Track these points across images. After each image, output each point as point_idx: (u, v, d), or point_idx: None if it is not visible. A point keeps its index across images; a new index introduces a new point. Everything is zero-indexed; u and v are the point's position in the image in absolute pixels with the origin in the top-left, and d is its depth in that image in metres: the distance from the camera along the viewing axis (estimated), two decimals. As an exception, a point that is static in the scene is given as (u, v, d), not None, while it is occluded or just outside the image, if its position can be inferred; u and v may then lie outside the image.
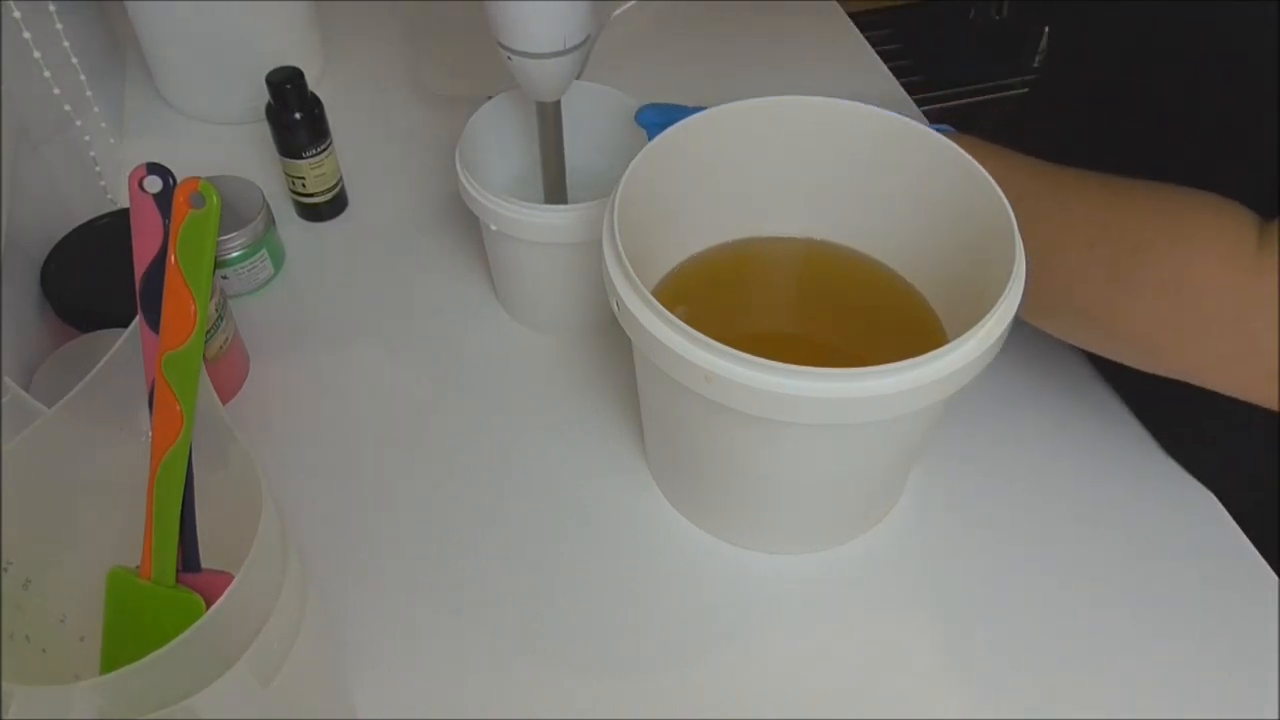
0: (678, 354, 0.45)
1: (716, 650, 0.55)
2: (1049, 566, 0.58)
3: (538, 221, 0.60)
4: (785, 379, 0.43)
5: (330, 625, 0.55)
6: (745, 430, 0.49)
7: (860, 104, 0.55)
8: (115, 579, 0.43)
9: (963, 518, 0.60)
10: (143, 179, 0.38)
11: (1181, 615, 0.56)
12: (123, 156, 0.81)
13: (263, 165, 0.80)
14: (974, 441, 0.63)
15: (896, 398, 0.44)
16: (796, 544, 0.58)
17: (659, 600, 0.57)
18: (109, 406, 0.44)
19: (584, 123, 0.68)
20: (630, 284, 0.47)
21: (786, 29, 0.94)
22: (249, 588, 0.37)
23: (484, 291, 0.72)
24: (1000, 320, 0.46)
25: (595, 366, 0.67)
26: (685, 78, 0.89)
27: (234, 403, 0.65)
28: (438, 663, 0.54)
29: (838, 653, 0.55)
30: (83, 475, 0.45)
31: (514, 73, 0.57)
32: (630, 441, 0.63)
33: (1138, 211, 0.48)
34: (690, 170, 0.57)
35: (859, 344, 0.59)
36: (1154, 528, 0.59)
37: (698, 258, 0.62)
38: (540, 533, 0.59)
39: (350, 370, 0.67)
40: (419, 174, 0.80)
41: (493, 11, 0.54)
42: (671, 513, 0.60)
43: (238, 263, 0.69)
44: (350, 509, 0.60)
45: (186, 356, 0.38)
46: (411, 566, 0.58)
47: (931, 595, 0.57)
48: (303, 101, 0.71)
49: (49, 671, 0.44)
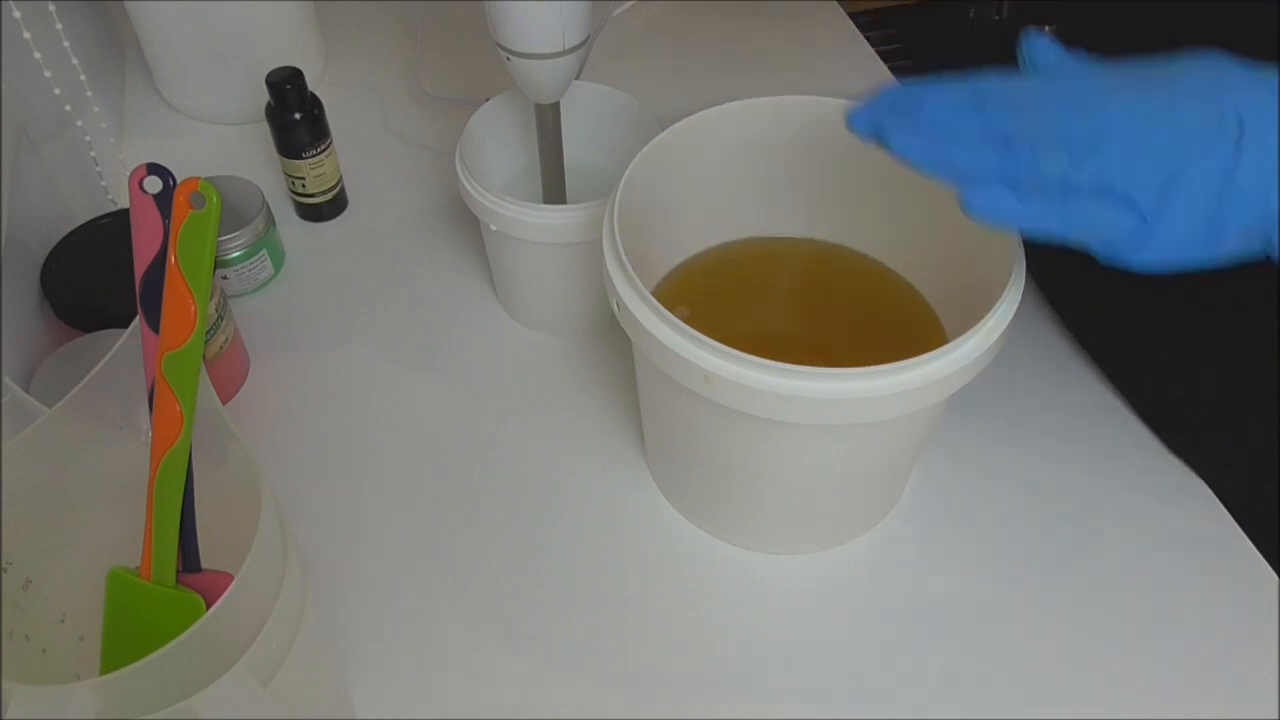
0: (678, 354, 0.45)
1: (716, 650, 0.55)
2: (1049, 566, 0.58)
3: (538, 221, 0.60)
4: (785, 379, 0.43)
5: (330, 625, 0.55)
6: (745, 430, 0.49)
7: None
8: (115, 579, 0.43)
9: (962, 517, 0.60)
10: (143, 179, 0.38)
11: (1181, 615, 0.56)
12: (123, 156, 0.81)
13: (263, 165, 0.80)
14: (974, 441, 0.63)
15: (896, 398, 0.44)
16: (796, 544, 0.58)
17: (659, 600, 0.57)
18: (109, 407, 0.44)
19: (584, 123, 0.68)
20: (630, 284, 0.47)
21: (786, 29, 0.94)
22: (249, 588, 0.37)
23: (484, 291, 0.72)
24: (1000, 320, 0.46)
25: (595, 366, 0.67)
26: (685, 78, 0.89)
27: (234, 403, 0.65)
28: (437, 663, 0.54)
29: (837, 653, 0.54)
30: (83, 475, 0.45)
31: (513, 74, 0.57)
32: (630, 441, 0.63)
33: None
34: (690, 170, 0.57)
35: (859, 344, 0.59)
36: (1154, 526, 0.59)
37: (698, 258, 0.62)
38: (540, 533, 0.59)
39: (350, 370, 0.67)
40: (419, 174, 0.80)
41: (492, 12, 0.54)
42: (671, 513, 0.60)
43: (238, 263, 0.69)
44: (350, 509, 0.60)
45: (186, 356, 0.38)
46: (411, 566, 0.58)
47: (931, 595, 0.57)
48: (303, 102, 0.71)
49: (49, 671, 0.44)
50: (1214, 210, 0.35)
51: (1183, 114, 0.34)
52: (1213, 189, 0.34)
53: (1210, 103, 0.34)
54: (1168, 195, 0.34)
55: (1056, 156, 0.35)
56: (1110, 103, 0.34)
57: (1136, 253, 0.36)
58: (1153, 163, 0.34)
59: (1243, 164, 0.34)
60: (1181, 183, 0.34)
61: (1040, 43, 0.38)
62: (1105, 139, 0.34)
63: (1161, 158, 0.34)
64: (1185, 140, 0.34)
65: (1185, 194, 0.34)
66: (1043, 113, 0.35)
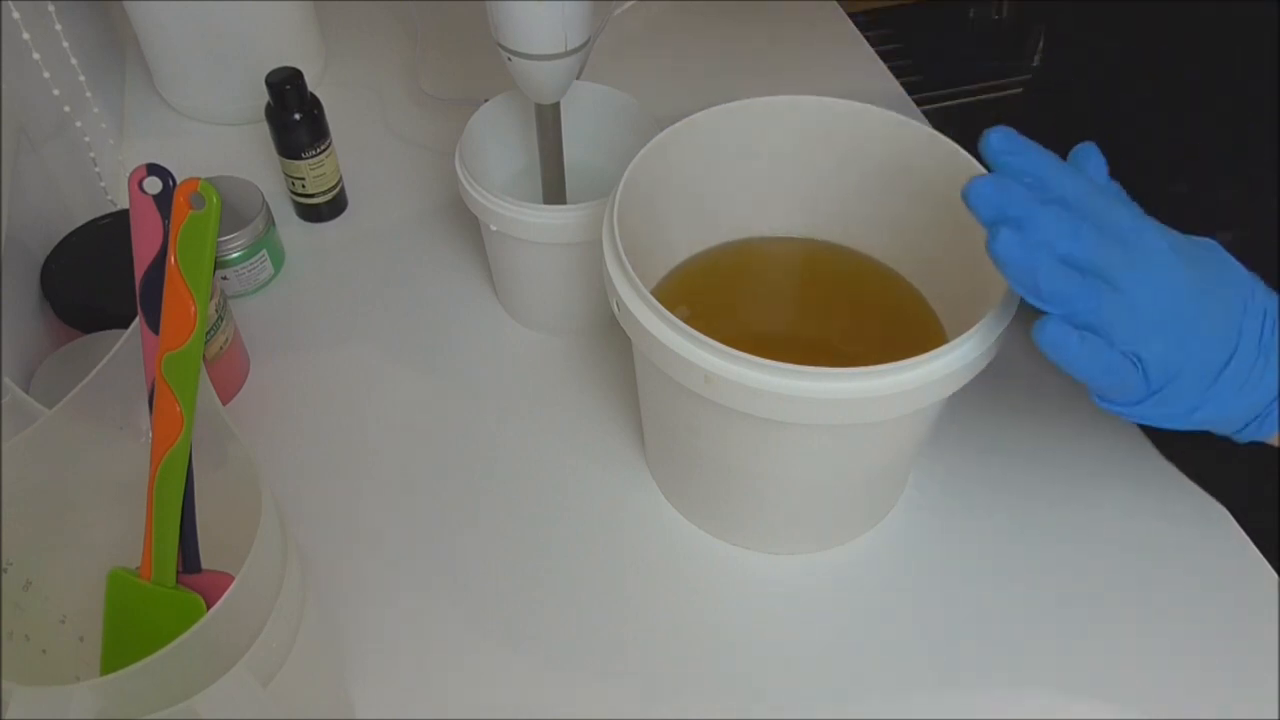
0: (677, 354, 0.45)
1: (716, 650, 0.55)
2: (1049, 566, 0.58)
3: (538, 221, 0.60)
4: (785, 379, 0.43)
5: (330, 625, 0.55)
6: (744, 430, 0.49)
7: (860, 104, 0.56)
8: (115, 580, 0.43)
9: (962, 518, 0.60)
10: (142, 180, 0.38)
11: (1181, 615, 0.56)
12: (122, 157, 0.81)
13: (262, 166, 0.80)
14: (974, 441, 0.63)
15: (896, 398, 0.44)
16: (796, 544, 0.58)
17: (658, 600, 0.57)
18: (109, 407, 0.44)
19: (584, 123, 0.68)
20: (630, 284, 0.47)
21: (786, 29, 0.94)
22: (249, 588, 0.37)
23: (484, 291, 0.72)
24: (1000, 320, 0.46)
25: (595, 366, 0.67)
26: (685, 78, 0.89)
27: (234, 403, 0.65)
28: (437, 663, 0.54)
29: (837, 653, 0.54)
30: (83, 476, 0.45)
31: (514, 75, 0.57)
32: (630, 441, 0.63)
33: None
34: (690, 170, 0.57)
35: (859, 344, 0.59)
36: (1153, 526, 0.59)
37: (698, 258, 0.62)
38: (540, 533, 0.59)
39: (350, 370, 0.67)
40: (419, 174, 0.80)
41: (494, 13, 0.54)
42: (671, 512, 0.60)
43: (238, 263, 0.69)
44: (350, 509, 0.60)
45: (186, 357, 0.38)
46: (411, 566, 0.58)
47: (931, 595, 0.57)
48: (302, 102, 0.71)
49: (49, 672, 0.44)
50: (1194, 404, 0.42)
51: (1212, 325, 0.40)
52: (1203, 387, 0.41)
53: (1232, 324, 0.41)
54: (1172, 382, 0.41)
55: (1121, 324, 0.39)
56: (1178, 301, 0.39)
57: (1128, 408, 0.42)
58: (1178, 360, 0.40)
59: (1222, 377, 0.41)
60: (1185, 377, 0.41)
61: (1094, 158, 0.43)
62: (1161, 330, 0.40)
63: (1184, 357, 0.40)
64: (1203, 351, 0.40)
65: (1184, 385, 0.41)
66: (1121, 292, 0.39)
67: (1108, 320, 0.39)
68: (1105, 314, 0.39)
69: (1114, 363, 0.39)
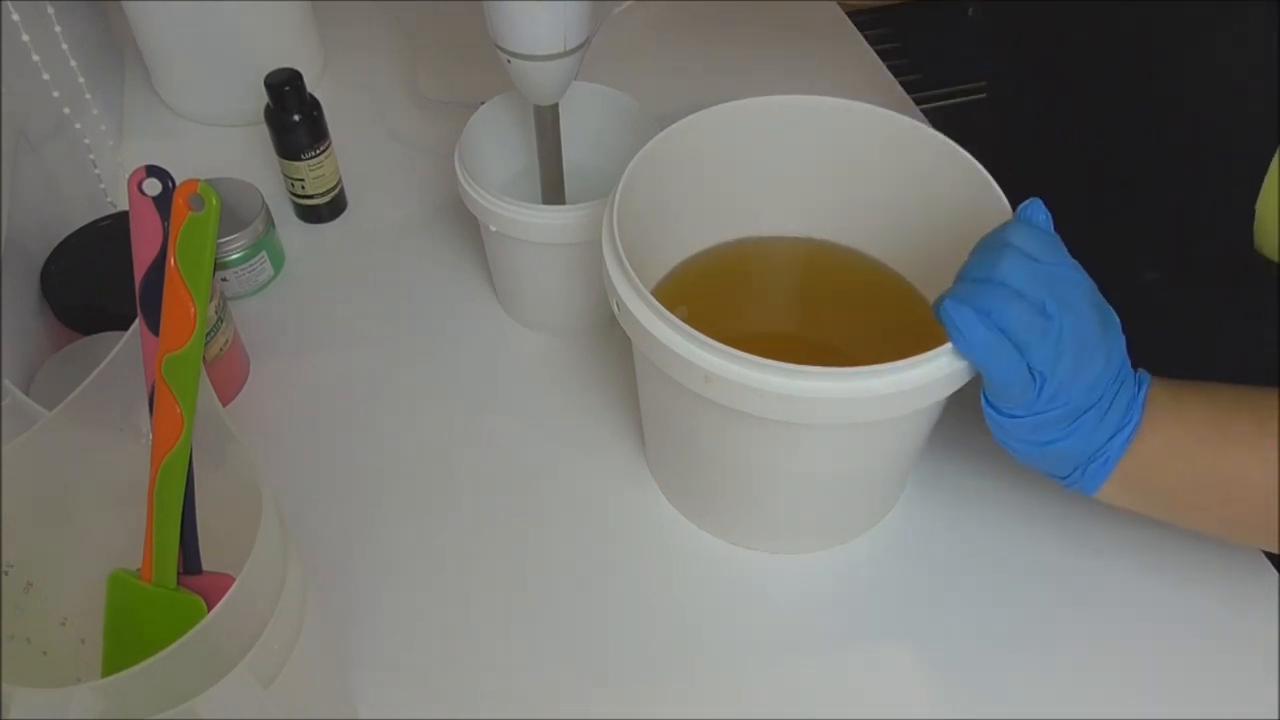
0: (677, 354, 0.45)
1: (716, 649, 0.55)
2: (1048, 565, 0.58)
3: (537, 222, 0.60)
4: (785, 379, 0.43)
5: (330, 626, 0.55)
6: (744, 430, 0.49)
7: (860, 104, 0.56)
8: (116, 582, 0.43)
9: (962, 517, 0.60)
10: (142, 181, 0.38)
11: (1181, 614, 0.56)
12: (122, 159, 0.81)
13: (262, 167, 0.80)
14: (973, 442, 0.63)
15: (896, 398, 0.44)
16: (796, 544, 0.58)
17: (659, 600, 0.57)
18: (109, 409, 0.44)
19: (584, 123, 0.68)
20: (630, 284, 0.47)
21: (786, 29, 0.94)
22: (250, 589, 0.37)
23: (484, 292, 0.72)
24: (1000, 320, 0.46)
25: (595, 366, 0.67)
26: (685, 78, 0.89)
27: (234, 404, 0.65)
28: (438, 663, 0.54)
29: (837, 652, 0.55)
30: (83, 478, 0.45)
31: (513, 76, 0.57)
32: (630, 441, 0.63)
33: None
34: (690, 170, 0.57)
35: (859, 344, 0.59)
36: (1153, 525, 0.59)
37: (697, 258, 0.62)
38: (540, 533, 0.59)
39: (350, 370, 0.67)
40: (418, 175, 0.80)
41: (492, 14, 0.54)
42: (671, 512, 0.60)
43: (237, 264, 0.69)
44: (350, 509, 0.60)
45: (186, 358, 0.38)
46: (412, 567, 0.58)
47: (931, 595, 0.57)
48: (302, 103, 0.71)
49: (50, 674, 0.44)
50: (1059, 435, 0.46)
51: (1100, 372, 0.45)
52: (1071, 419, 0.46)
53: (1112, 375, 0.45)
54: (1054, 407, 0.45)
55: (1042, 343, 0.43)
56: (1090, 340, 0.44)
57: (1009, 419, 0.46)
58: (1069, 388, 0.45)
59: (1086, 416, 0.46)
60: (1067, 405, 0.45)
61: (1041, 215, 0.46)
62: (1085, 391, 0.45)
63: (1075, 388, 0.45)
64: (1089, 390, 0.45)
65: (1060, 414, 0.45)
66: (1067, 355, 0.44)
67: (1034, 337, 0.43)
68: (1034, 332, 0.43)
69: (1020, 369, 0.43)
